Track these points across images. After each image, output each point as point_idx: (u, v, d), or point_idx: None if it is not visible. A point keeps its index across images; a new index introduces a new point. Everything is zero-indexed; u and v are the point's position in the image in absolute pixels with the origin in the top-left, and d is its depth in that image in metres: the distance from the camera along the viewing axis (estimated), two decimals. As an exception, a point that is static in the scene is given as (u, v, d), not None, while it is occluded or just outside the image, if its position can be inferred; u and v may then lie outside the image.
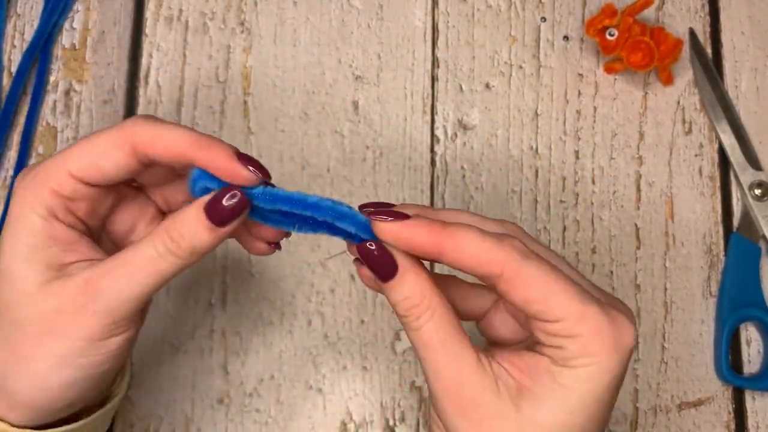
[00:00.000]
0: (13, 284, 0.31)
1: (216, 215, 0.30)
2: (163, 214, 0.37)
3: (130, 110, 0.49)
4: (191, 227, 0.30)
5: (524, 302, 0.29)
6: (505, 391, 0.30)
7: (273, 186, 0.32)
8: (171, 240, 0.30)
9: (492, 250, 0.29)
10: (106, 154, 0.31)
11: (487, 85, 0.51)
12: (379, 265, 0.30)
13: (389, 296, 0.31)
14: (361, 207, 0.31)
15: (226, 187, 0.30)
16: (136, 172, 0.33)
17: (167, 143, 0.31)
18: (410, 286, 0.30)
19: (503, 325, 0.34)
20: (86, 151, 0.31)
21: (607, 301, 0.31)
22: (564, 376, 0.29)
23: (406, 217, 0.30)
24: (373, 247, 0.30)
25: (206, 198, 0.30)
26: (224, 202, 0.30)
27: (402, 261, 0.30)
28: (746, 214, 0.49)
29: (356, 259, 0.32)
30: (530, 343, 0.33)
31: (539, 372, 0.30)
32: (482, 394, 0.30)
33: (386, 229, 0.30)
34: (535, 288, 0.29)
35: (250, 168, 0.31)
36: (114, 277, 0.31)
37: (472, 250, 0.29)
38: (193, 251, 0.31)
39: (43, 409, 0.32)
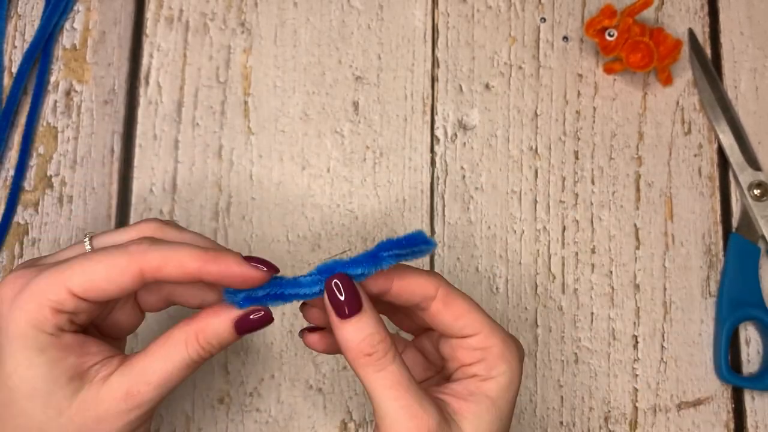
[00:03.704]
0: (41, 403, 0.32)
1: (242, 328, 0.34)
2: None
3: (130, 110, 0.49)
4: (221, 336, 0.34)
5: (453, 318, 0.35)
6: (450, 418, 0.34)
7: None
8: (203, 349, 0.33)
9: (427, 277, 0.35)
10: (112, 279, 0.32)
11: (487, 86, 0.51)
12: (347, 298, 0.33)
13: (351, 336, 0.33)
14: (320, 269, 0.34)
15: (254, 306, 0.34)
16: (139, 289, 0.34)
17: (176, 266, 0.32)
18: (374, 321, 0.33)
19: (413, 367, 0.38)
20: (89, 272, 0.32)
21: None
22: (491, 389, 0.34)
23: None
24: (341, 283, 0.33)
25: (235, 311, 0.34)
26: (252, 317, 0.34)
27: (364, 297, 0.33)
28: (745, 214, 0.50)
29: (302, 330, 0.37)
30: (439, 379, 0.38)
31: (476, 393, 0.34)
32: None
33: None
34: (459, 306, 0.35)
35: (263, 268, 0.33)
36: (154, 387, 0.33)
37: (413, 279, 0.35)
38: (219, 351, 0.35)
39: None
